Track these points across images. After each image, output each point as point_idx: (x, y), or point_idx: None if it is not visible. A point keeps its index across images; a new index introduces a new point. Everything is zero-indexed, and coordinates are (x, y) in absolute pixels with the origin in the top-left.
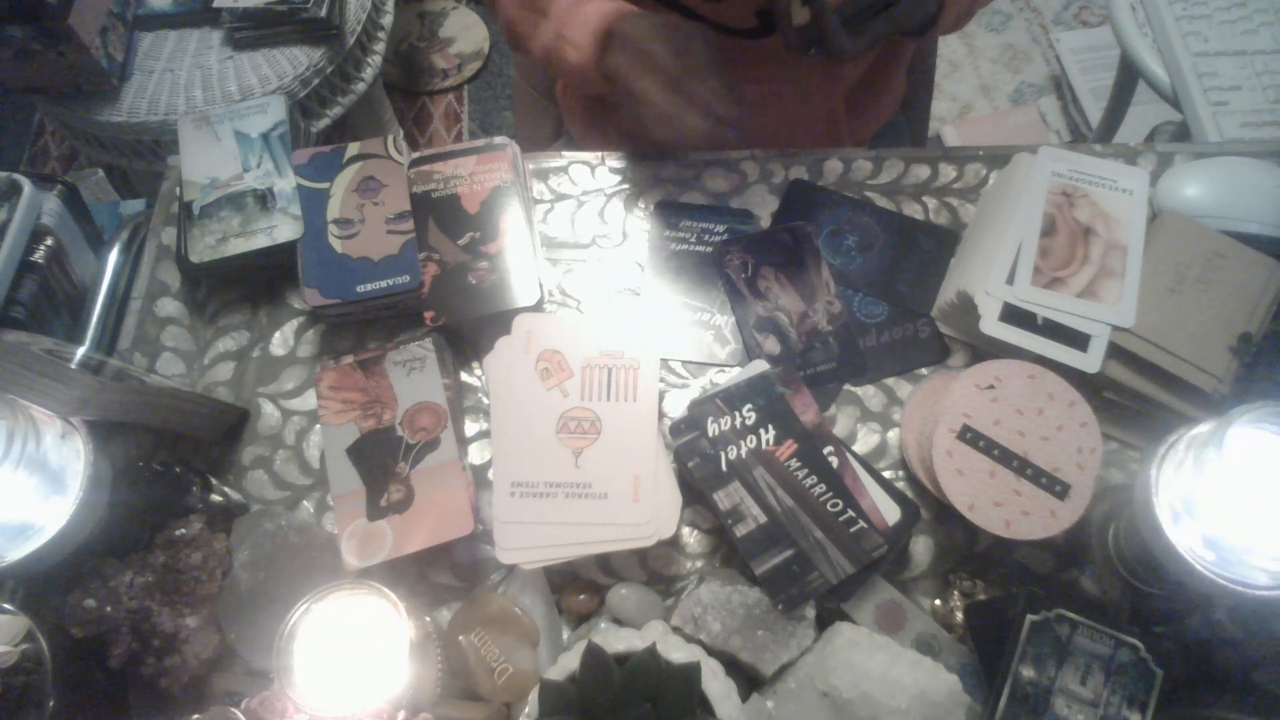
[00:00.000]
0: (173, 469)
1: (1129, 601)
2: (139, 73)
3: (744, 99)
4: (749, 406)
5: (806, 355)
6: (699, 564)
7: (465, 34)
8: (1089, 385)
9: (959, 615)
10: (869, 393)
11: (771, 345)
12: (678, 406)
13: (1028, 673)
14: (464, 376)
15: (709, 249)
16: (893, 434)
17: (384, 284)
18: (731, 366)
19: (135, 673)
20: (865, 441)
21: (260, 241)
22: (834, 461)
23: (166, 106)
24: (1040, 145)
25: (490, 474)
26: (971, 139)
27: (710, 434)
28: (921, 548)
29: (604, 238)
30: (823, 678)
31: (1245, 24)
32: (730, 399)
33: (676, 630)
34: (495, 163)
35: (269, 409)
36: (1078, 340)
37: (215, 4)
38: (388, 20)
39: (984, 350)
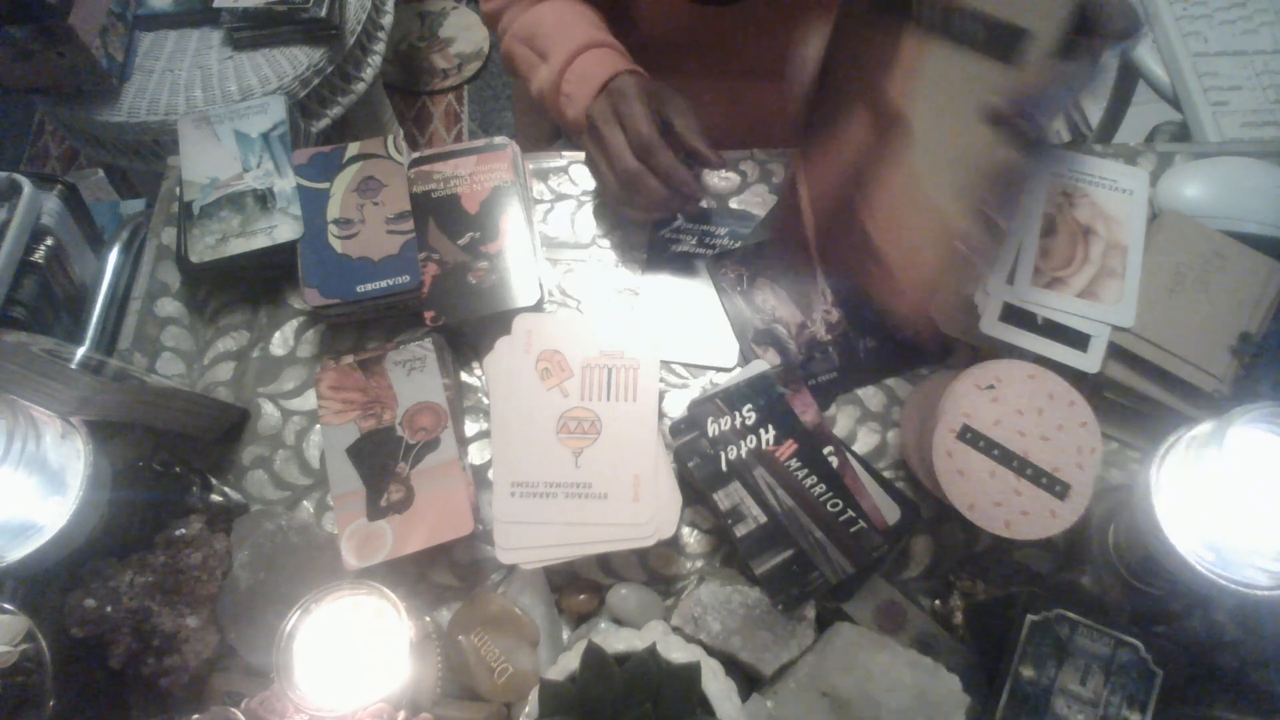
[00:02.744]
0: (173, 469)
1: (1129, 601)
2: (139, 73)
3: (742, 99)
4: (749, 406)
5: (807, 366)
6: (699, 564)
7: (465, 34)
8: (1089, 385)
9: (959, 615)
10: (869, 393)
11: (771, 358)
12: (678, 406)
13: (1028, 673)
14: (464, 376)
15: (709, 252)
16: (893, 434)
17: (384, 284)
18: (730, 369)
19: (135, 673)
20: (865, 441)
21: (260, 241)
22: (834, 461)
23: (166, 106)
24: None
25: (490, 474)
26: None
27: (710, 434)
28: (921, 548)
29: (604, 238)
30: (823, 678)
31: (1245, 24)
32: (730, 399)
33: (676, 630)
34: (495, 163)
35: (269, 409)
36: (1078, 340)
37: (215, 4)
38: (388, 20)
39: (984, 350)
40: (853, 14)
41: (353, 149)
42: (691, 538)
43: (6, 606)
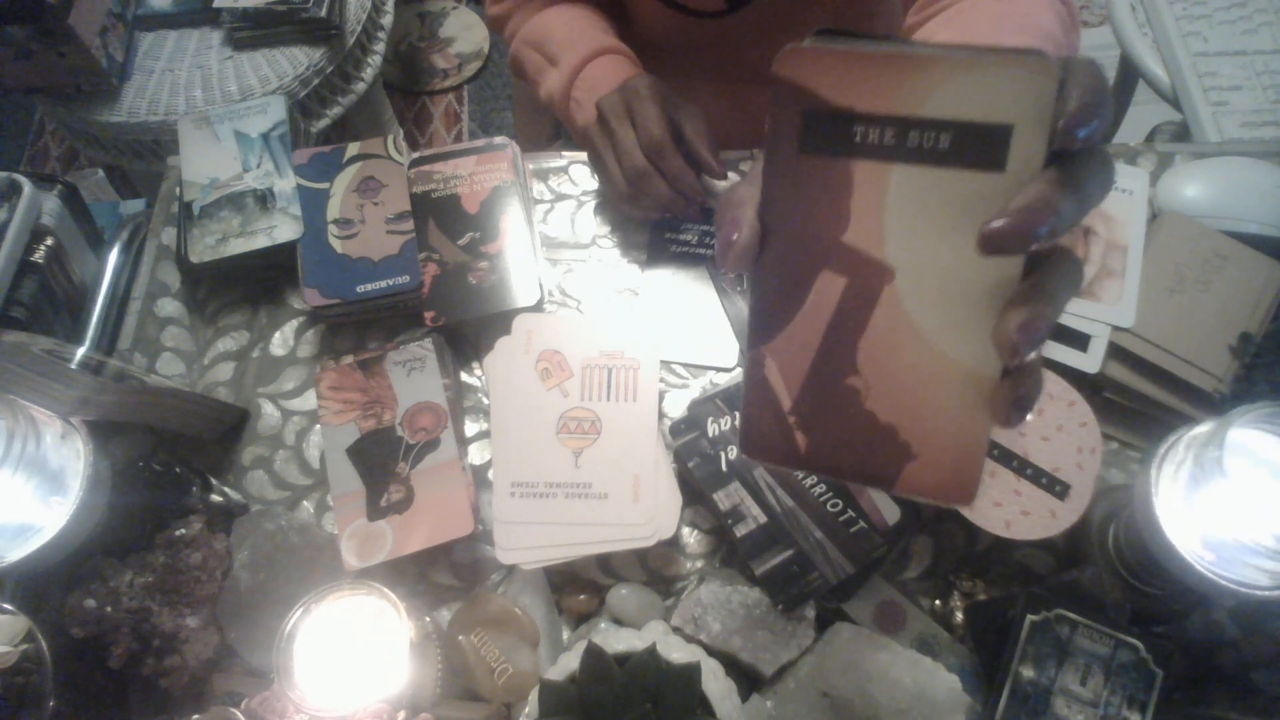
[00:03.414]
0: (173, 469)
1: (1129, 601)
2: (139, 73)
3: (742, 101)
4: None
5: None
6: (699, 564)
7: (465, 34)
8: (1089, 385)
9: (959, 615)
10: None
11: None
12: (678, 406)
13: (1028, 673)
14: (464, 376)
15: (709, 251)
16: None
17: (384, 284)
18: (730, 369)
19: (135, 673)
20: None
21: (260, 241)
22: None
23: (166, 106)
24: None
25: (490, 474)
26: None
27: (710, 434)
28: (921, 548)
29: (604, 238)
30: (823, 678)
31: (1245, 24)
32: (730, 399)
33: (676, 630)
34: (495, 163)
35: (269, 409)
36: (1078, 340)
37: (215, 4)
38: (388, 20)
39: None
40: (783, 159)
41: (353, 149)
42: (691, 538)
43: (6, 606)
